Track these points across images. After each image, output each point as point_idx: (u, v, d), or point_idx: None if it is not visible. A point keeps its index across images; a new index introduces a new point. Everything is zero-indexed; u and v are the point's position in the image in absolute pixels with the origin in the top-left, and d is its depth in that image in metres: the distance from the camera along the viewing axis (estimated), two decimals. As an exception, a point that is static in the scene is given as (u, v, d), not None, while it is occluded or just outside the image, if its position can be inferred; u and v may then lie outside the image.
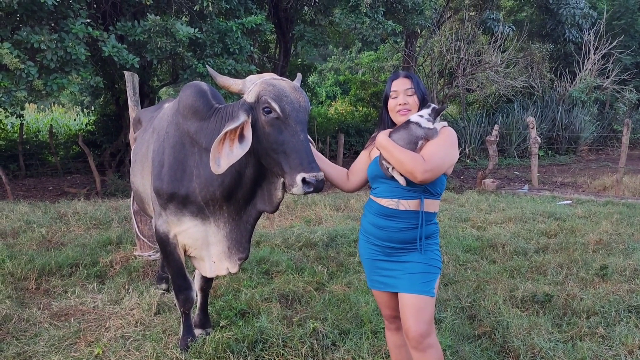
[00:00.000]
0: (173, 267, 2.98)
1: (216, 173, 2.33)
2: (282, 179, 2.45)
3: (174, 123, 2.82)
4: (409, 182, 2.20)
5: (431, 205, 2.27)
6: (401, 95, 2.32)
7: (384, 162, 2.25)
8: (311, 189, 2.27)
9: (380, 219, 2.30)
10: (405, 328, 2.22)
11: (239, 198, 2.70)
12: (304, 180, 2.26)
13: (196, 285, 3.24)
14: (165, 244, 2.91)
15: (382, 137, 2.25)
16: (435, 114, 2.25)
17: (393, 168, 2.21)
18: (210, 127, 2.64)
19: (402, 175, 2.20)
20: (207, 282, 3.27)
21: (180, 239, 2.89)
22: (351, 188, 2.55)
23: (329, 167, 2.53)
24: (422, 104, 2.33)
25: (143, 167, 3.19)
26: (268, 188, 2.62)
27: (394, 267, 2.28)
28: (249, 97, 2.41)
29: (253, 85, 2.41)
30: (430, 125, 2.23)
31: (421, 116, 2.25)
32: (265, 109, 2.34)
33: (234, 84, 2.49)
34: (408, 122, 2.26)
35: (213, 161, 2.29)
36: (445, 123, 2.30)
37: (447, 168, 2.21)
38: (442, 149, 2.18)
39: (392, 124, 2.38)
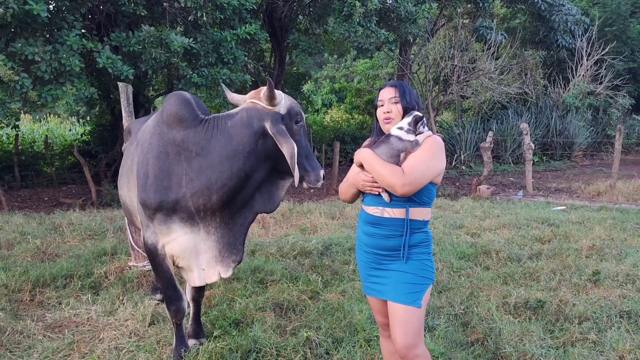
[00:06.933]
0: (163, 278, 3.00)
1: (297, 186, 2.84)
2: (287, 180, 2.93)
3: (156, 134, 2.87)
4: (392, 195, 2.23)
5: (418, 213, 2.27)
6: (386, 104, 2.37)
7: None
8: (324, 180, 2.94)
9: (368, 227, 2.33)
10: (393, 338, 2.25)
11: (237, 201, 2.81)
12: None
13: (188, 295, 3.26)
14: (154, 255, 2.93)
15: (364, 150, 2.30)
16: (415, 123, 2.25)
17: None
18: (200, 136, 2.74)
19: (386, 190, 2.23)
20: (198, 291, 3.28)
21: (168, 249, 2.91)
22: (351, 199, 2.52)
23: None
24: (407, 113, 2.34)
25: (129, 180, 3.22)
26: (269, 190, 2.90)
27: (384, 274, 2.30)
28: (282, 110, 2.75)
29: (283, 100, 2.77)
30: (410, 137, 2.24)
31: (401, 128, 2.26)
32: (298, 119, 2.81)
33: (278, 96, 2.75)
34: (389, 135, 2.29)
35: (296, 179, 2.70)
36: (430, 132, 2.29)
37: (430, 179, 2.21)
38: (423, 162, 2.19)
39: (382, 133, 2.43)
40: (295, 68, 17.52)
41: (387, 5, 10.44)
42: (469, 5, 14.78)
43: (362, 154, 2.30)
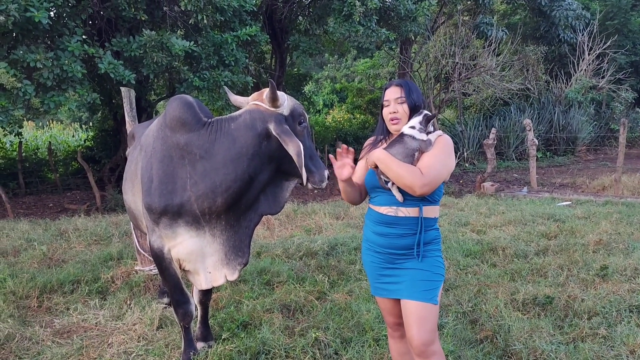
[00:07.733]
0: (170, 282, 3.00)
1: (304, 185, 2.82)
2: (291, 182, 2.95)
3: (160, 138, 2.87)
4: (405, 194, 2.22)
5: (430, 211, 2.28)
6: (392, 104, 2.35)
7: (382, 176, 2.27)
8: (328, 181, 2.93)
9: (380, 227, 2.31)
10: (408, 336, 2.23)
11: (242, 204, 2.80)
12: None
13: (195, 298, 3.26)
14: (160, 260, 2.93)
15: (380, 151, 2.26)
16: (426, 122, 2.26)
17: (393, 183, 2.23)
18: (203, 139, 2.74)
19: (399, 190, 2.22)
20: (205, 294, 3.28)
21: (174, 253, 2.91)
22: (354, 199, 2.48)
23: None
24: (414, 112, 2.33)
25: (133, 185, 3.23)
26: (273, 192, 2.91)
27: (398, 273, 2.29)
28: (285, 111, 2.76)
29: (286, 101, 2.78)
30: (424, 136, 2.23)
31: (413, 127, 2.25)
32: (301, 120, 2.82)
33: (281, 97, 2.76)
34: (402, 135, 2.27)
35: (304, 178, 2.73)
36: (440, 132, 2.30)
37: (445, 178, 2.22)
38: (439, 161, 2.19)
39: (388, 132, 2.42)
40: (296, 69, 17.53)
41: (387, 4, 10.42)
42: (468, 2, 14.74)
43: (378, 155, 2.25)
